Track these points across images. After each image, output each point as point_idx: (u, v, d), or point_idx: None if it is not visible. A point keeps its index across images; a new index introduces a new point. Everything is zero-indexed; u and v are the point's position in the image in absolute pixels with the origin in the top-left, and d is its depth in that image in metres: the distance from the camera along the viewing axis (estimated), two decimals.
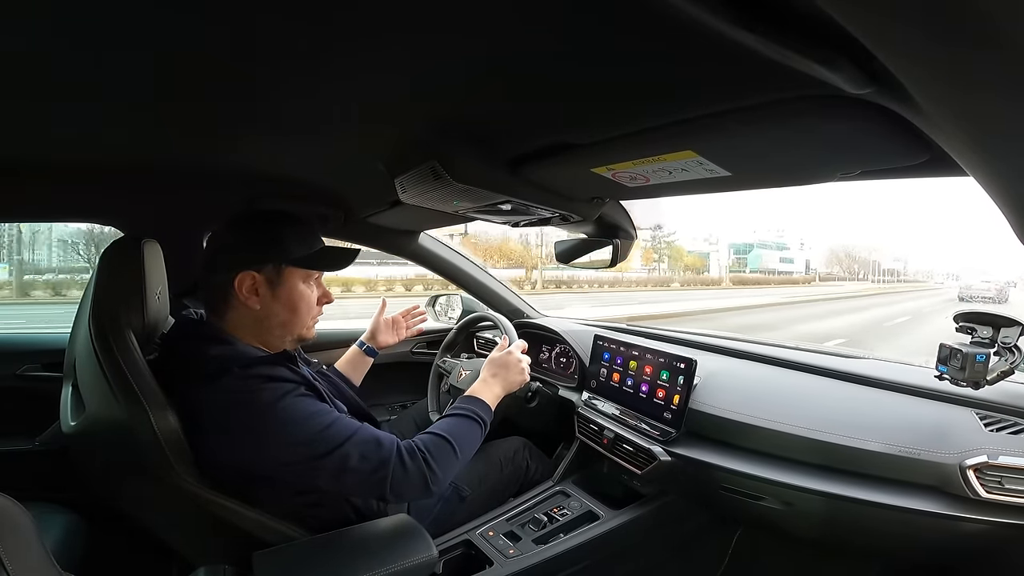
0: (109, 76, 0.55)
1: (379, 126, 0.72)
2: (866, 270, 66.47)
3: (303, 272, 0.83)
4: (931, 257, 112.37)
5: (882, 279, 63.79)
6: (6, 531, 0.48)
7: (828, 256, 68.90)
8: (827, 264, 66.66)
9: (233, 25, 0.45)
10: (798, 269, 56.79)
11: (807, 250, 64.15)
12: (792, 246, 60.36)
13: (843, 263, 67.30)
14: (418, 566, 0.77)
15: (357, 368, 1.24)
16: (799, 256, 59.81)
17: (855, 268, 66.02)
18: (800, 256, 60.04)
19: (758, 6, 0.32)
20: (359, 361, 1.25)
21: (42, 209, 1.17)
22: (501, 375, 1.03)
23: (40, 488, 0.99)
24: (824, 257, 68.24)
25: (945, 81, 0.33)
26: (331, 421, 0.76)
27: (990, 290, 24.46)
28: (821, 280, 54.12)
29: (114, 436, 0.75)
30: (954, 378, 0.81)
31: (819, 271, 61.27)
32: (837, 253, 69.63)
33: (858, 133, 0.50)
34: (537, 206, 0.90)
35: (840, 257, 68.61)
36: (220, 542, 0.78)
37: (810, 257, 61.76)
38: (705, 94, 0.51)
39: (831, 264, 67.73)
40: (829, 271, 64.20)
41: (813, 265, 61.27)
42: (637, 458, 1.06)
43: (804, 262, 59.18)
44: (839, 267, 65.70)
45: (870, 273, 65.63)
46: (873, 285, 48.64)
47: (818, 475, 0.85)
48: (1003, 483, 0.73)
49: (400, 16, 0.42)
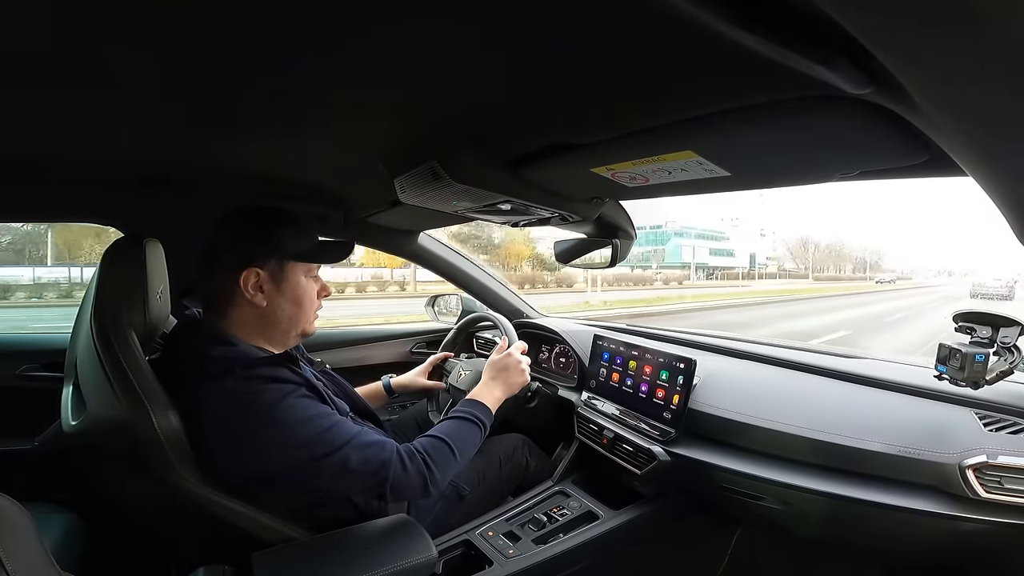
0: (109, 76, 0.55)
1: (379, 126, 0.73)
2: (841, 266, 61.51)
3: (304, 266, 0.84)
4: (913, 252, 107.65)
5: (859, 276, 57.88)
6: (6, 531, 0.48)
7: (798, 249, 61.99)
8: (796, 258, 59.72)
9: (233, 25, 0.45)
10: (741, 264, 48.36)
11: (770, 240, 55.80)
12: (741, 236, 50.97)
13: (800, 257, 60.66)
14: (418, 566, 0.77)
15: (375, 402, 1.24)
16: (742, 248, 50.29)
17: (821, 264, 60.09)
18: (745, 248, 50.65)
19: (758, 6, 0.32)
20: (379, 397, 1.26)
21: (42, 209, 1.17)
22: (502, 378, 1.04)
23: (40, 488, 0.98)
24: (794, 250, 61.24)
25: (944, 81, 0.34)
26: (332, 423, 0.76)
27: (1001, 287, 25.58)
28: (762, 277, 47.23)
29: (115, 435, 0.75)
30: (953, 378, 0.81)
31: (776, 266, 53.60)
32: (807, 246, 63.29)
33: (857, 133, 0.50)
34: (537, 206, 0.90)
35: (799, 251, 61.85)
36: (220, 542, 0.77)
37: (757, 251, 53.70)
38: (705, 94, 0.51)
39: (801, 258, 61.22)
40: (796, 266, 57.58)
41: (763, 259, 53.04)
42: (637, 458, 1.06)
43: (749, 256, 50.34)
44: (797, 262, 58.80)
45: (845, 269, 60.26)
46: (817, 284, 41.28)
47: (818, 475, 0.85)
48: (1002, 483, 0.73)
49: (400, 16, 0.42)
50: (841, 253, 66.43)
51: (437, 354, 1.38)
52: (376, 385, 1.26)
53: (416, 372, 1.31)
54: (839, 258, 65.80)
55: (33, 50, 0.49)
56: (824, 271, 59.92)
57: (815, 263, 61.16)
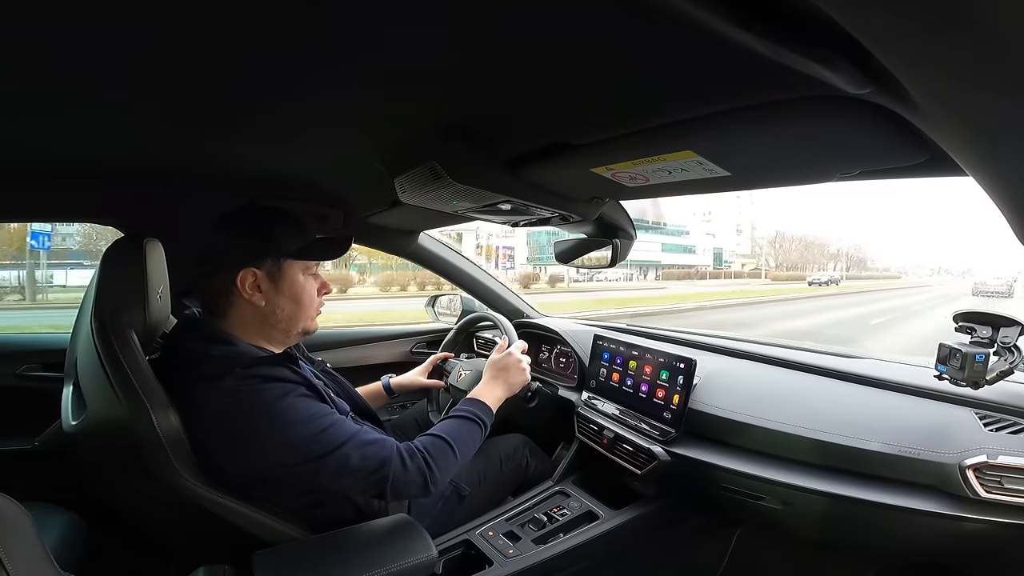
0: (109, 75, 0.55)
1: (379, 126, 0.73)
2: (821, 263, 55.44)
3: (302, 264, 0.83)
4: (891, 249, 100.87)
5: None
6: (6, 531, 0.48)
7: (767, 246, 55.21)
8: (764, 256, 53.00)
9: (233, 25, 0.45)
10: (703, 261, 42.36)
11: (743, 236, 50.08)
12: (705, 231, 44.17)
13: (772, 255, 54.57)
14: (418, 566, 0.77)
15: (375, 402, 1.23)
16: (706, 245, 43.92)
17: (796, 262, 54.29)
18: (710, 245, 44.26)
19: (757, 6, 0.32)
20: (379, 398, 1.25)
21: (42, 209, 1.17)
22: (502, 377, 1.04)
23: (40, 488, 0.98)
24: (763, 247, 54.25)
25: (944, 81, 0.34)
26: (332, 422, 0.76)
27: (1001, 286, 26.30)
28: (728, 276, 41.46)
29: (115, 435, 0.75)
30: (953, 378, 0.81)
31: (753, 264, 48.28)
32: (776, 243, 56.61)
33: (857, 133, 0.50)
34: (537, 206, 0.90)
35: (770, 248, 55.16)
36: (220, 542, 0.77)
37: (726, 247, 46.36)
38: (704, 94, 0.51)
39: (782, 254, 55.70)
40: (767, 265, 50.94)
41: (733, 256, 47.10)
42: (637, 458, 1.06)
43: (714, 253, 44.10)
44: (764, 260, 51.98)
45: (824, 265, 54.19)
46: (776, 285, 34.58)
47: (818, 475, 0.85)
48: (1002, 483, 0.73)
49: (399, 15, 0.42)
50: (813, 249, 60.03)
51: (437, 354, 1.38)
52: (376, 385, 1.26)
53: (416, 372, 1.31)
54: (813, 255, 59.55)
55: (32, 50, 0.49)
56: (798, 269, 54.13)
57: (791, 262, 56.19)
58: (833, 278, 39.24)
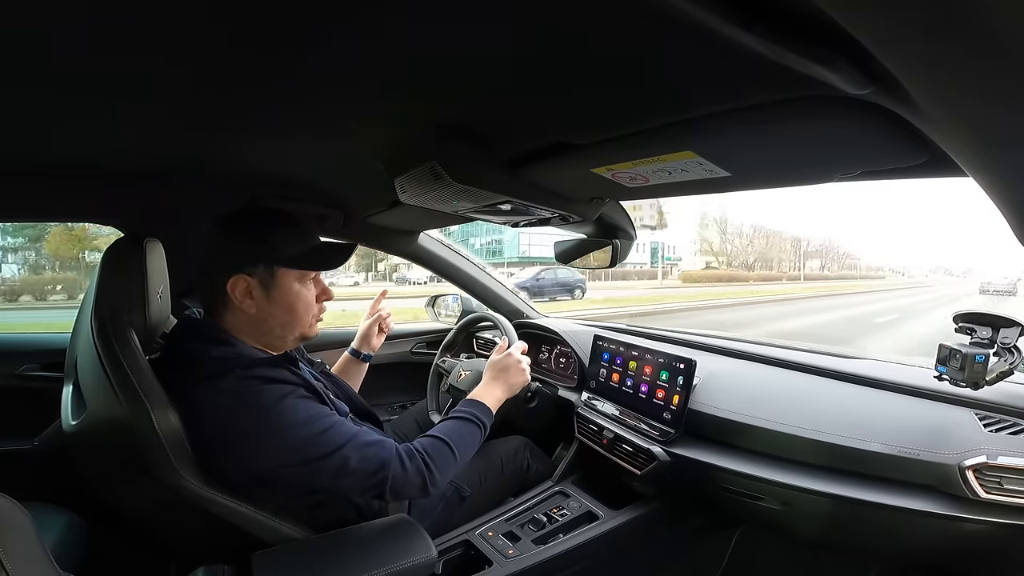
0: (109, 75, 0.55)
1: (379, 126, 0.72)
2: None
3: (297, 272, 0.81)
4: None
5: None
6: (6, 531, 0.48)
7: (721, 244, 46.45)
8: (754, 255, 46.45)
9: (232, 25, 0.45)
10: (640, 260, 35.61)
11: (711, 230, 43.89)
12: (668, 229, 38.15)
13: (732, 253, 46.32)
14: (417, 566, 0.77)
15: (351, 375, 1.21)
16: (642, 241, 35.09)
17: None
18: (642, 239, 33.06)
19: (757, 6, 0.33)
20: (353, 368, 1.22)
21: (42, 209, 1.17)
22: (502, 378, 1.04)
23: (40, 488, 0.98)
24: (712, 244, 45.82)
25: (944, 81, 0.34)
26: (331, 423, 0.76)
27: (1006, 284, 26.93)
28: (666, 276, 34.19)
29: (115, 435, 0.75)
30: (953, 378, 0.81)
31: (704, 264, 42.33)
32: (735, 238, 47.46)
33: (858, 133, 0.50)
34: (537, 206, 0.90)
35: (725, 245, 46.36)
36: (220, 542, 0.77)
37: (668, 244, 39.42)
38: (704, 94, 0.51)
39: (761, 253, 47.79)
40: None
41: (677, 254, 40.80)
42: (637, 458, 1.06)
43: (650, 251, 37.61)
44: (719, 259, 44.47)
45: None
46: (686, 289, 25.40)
47: (818, 475, 0.85)
48: (1002, 483, 0.73)
49: (399, 15, 0.42)
50: (772, 246, 50.49)
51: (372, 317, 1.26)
52: (344, 359, 1.22)
53: (369, 334, 1.24)
54: (777, 253, 50.40)
55: (32, 49, 0.49)
56: (770, 268, 47.28)
57: (765, 259, 48.79)
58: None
